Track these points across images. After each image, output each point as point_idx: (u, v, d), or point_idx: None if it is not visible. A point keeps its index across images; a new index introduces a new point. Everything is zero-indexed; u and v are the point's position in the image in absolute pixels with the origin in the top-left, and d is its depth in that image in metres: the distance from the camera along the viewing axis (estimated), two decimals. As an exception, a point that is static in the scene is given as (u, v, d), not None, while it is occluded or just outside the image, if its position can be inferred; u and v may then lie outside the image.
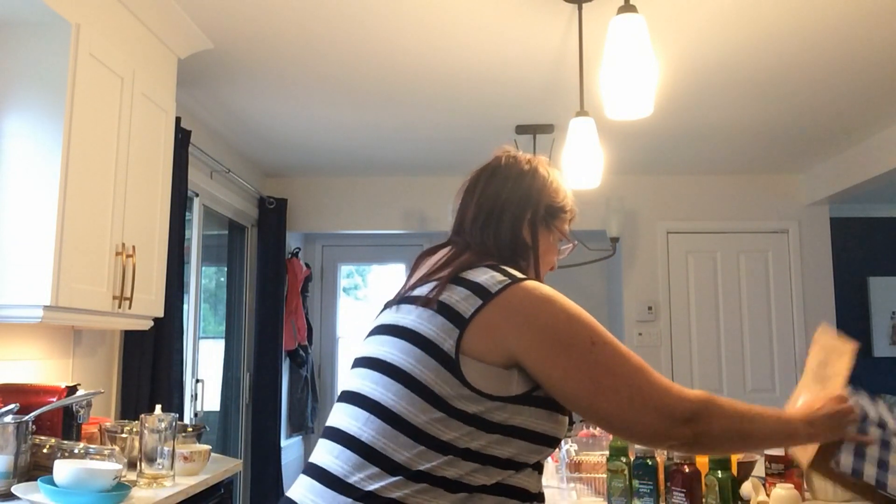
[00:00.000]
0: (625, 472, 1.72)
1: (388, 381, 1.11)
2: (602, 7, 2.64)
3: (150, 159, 2.66)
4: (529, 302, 1.12)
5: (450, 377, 1.08)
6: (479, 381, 1.08)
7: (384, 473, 1.06)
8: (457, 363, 1.08)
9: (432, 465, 1.05)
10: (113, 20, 2.42)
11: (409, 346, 1.12)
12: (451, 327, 1.10)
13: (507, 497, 1.10)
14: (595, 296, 5.56)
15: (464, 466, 1.06)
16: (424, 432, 1.06)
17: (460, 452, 1.06)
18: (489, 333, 1.09)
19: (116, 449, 2.04)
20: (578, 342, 1.10)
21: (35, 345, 2.48)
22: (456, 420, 1.07)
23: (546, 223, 1.32)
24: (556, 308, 1.12)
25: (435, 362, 1.09)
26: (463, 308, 1.11)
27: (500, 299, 1.11)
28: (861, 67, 3.21)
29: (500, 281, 1.13)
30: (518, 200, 1.29)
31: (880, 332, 5.74)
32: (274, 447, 4.68)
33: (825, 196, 4.80)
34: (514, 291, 1.12)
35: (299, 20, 2.77)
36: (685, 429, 1.08)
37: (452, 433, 1.06)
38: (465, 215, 1.31)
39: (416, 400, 1.08)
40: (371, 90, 3.49)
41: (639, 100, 1.98)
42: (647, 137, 4.26)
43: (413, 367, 1.10)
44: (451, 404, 1.07)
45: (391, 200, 5.17)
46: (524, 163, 1.34)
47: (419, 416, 1.07)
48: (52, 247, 2.07)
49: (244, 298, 4.82)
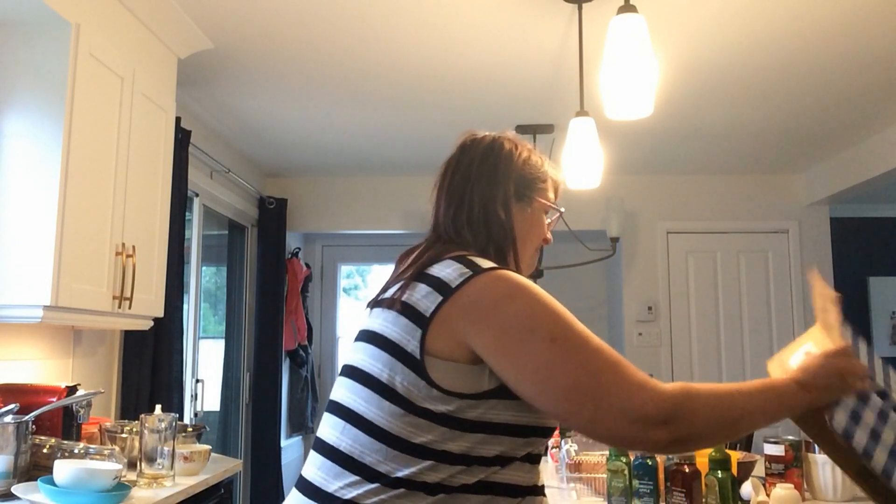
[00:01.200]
0: (625, 472, 1.72)
1: (360, 387, 1.09)
2: (602, 7, 2.64)
3: (150, 159, 2.66)
4: (489, 293, 1.05)
5: (416, 379, 1.04)
6: (447, 380, 1.03)
7: (363, 481, 1.03)
8: (422, 363, 1.04)
9: (412, 472, 1.02)
10: (113, 20, 2.42)
11: (378, 350, 1.09)
12: (413, 327, 1.06)
13: (493, 494, 1.04)
14: (595, 296, 5.56)
15: (446, 470, 1.02)
16: (395, 436, 1.03)
17: (438, 455, 1.02)
18: (449, 330, 1.04)
19: (116, 449, 2.04)
20: (536, 338, 1.01)
21: (35, 345, 2.48)
22: (425, 420, 1.03)
23: (520, 196, 1.25)
24: (516, 301, 1.04)
25: (401, 364, 1.05)
26: (424, 306, 1.07)
27: (459, 293, 1.05)
28: (861, 67, 3.21)
29: (462, 273, 1.07)
30: (486, 181, 1.23)
31: (880, 332, 5.74)
32: (274, 447, 4.68)
33: (825, 196, 4.80)
34: (474, 284, 1.06)
35: (299, 20, 2.77)
36: (661, 432, 0.98)
37: (425, 435, 1.03)
38: (438, 208, 1.26)
39: (384, 404, 1.05)
40: (371, 90, 3.49)
41: (639, 100, 1.98)
42: (647, 137, 4.26)
43: (381, 371, 1.07)
44: (418, 405, 1.03)
45: (391, 200, 5.17)
46: (488, 140, 1.28)
47: (388, 420, 1.04)
48: (52, 247, 2.07)
49: (244, 298, 4.82)
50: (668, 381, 3.45)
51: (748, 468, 1.93)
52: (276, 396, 4.72)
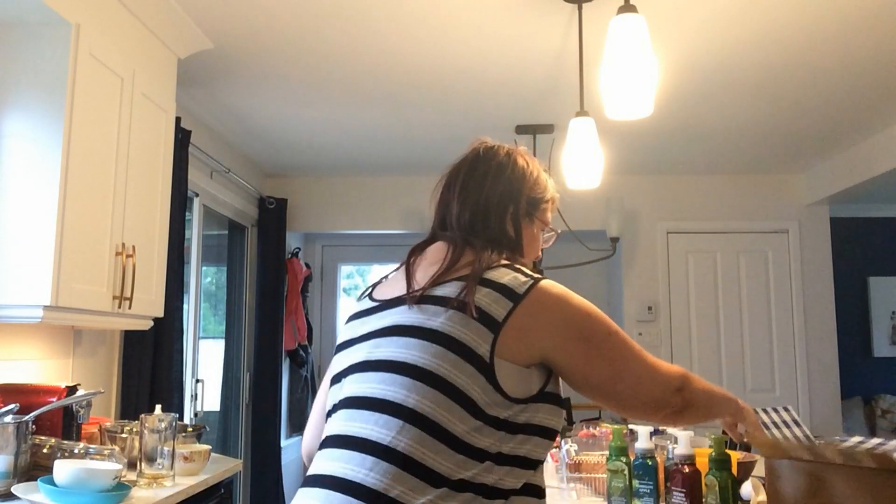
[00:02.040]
0: (625, 472, 1.72)
1: (423, 387, 1.06)
2: (602, 7, 2.64)
3: (150, 159, 2.66)
4: (553, 301, 1.14)
5: (485, 383, 1.06)
6: (510, 384, 1.07)
7: (427, 486, 1.01)
8: (492, 368, 1.07)
9: (472, 473, 1.04)
10: (113, 20, 2.42)
11: (442, 349, 1.07)
12: (485, 331, 1.08)
13: (532, 497, 1.10)
14: (595, 296, 5.56)
15: (497, 471, 1.05)
16: (463, 441, 1.04)
17: (493, 457, 1.05)
18: (522, 335, 1.10)
19: (116, 449, 2.04)
20: (598, 334, 1.16)
21: (35, 345, 2.48)
22: (490, 427, 1.06)
23: (528, 215, 1.32)
24: (574, 304, 1.16)
25: (471, 367, 1.06)
26: (495, 311, 1.10)
27: (527, 300, 1.12)
28: (861, 67, 3.21)
29: (524, 282, 1.14)
30: (500, 196, 1.29)
31: (880, 332, 5.74)
32: (274, 447, 4.68)
33: (825, 196, 4.80)
34: (538, 291, 1.13)
35: (299, 20, 2.77)
36: (678, 397, 1.19)
37: (487, 440, 1.05)
38: (448, 211, 1.30)
39: (455, 408, 1.04)
40: (371, 90, 3.49)
41: (639, 100, 1.98)
42: (647, 137, 4.26)
43: (449, 372, 1.06)
44: (486, 412, 1.06)
45: (391, 200, 5.17)
46: (502, 154, 1.33)
47: (458, 425, 1.04)
48: (52, 247, 2.07)
49: (244, 298, 4.82)
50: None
51: (748, 468, 1.93)
52: (276, 396, 4.72)
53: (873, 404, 5.60)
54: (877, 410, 5.57)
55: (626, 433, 1.84)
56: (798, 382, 4.94)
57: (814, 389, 4.91)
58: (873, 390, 5.67)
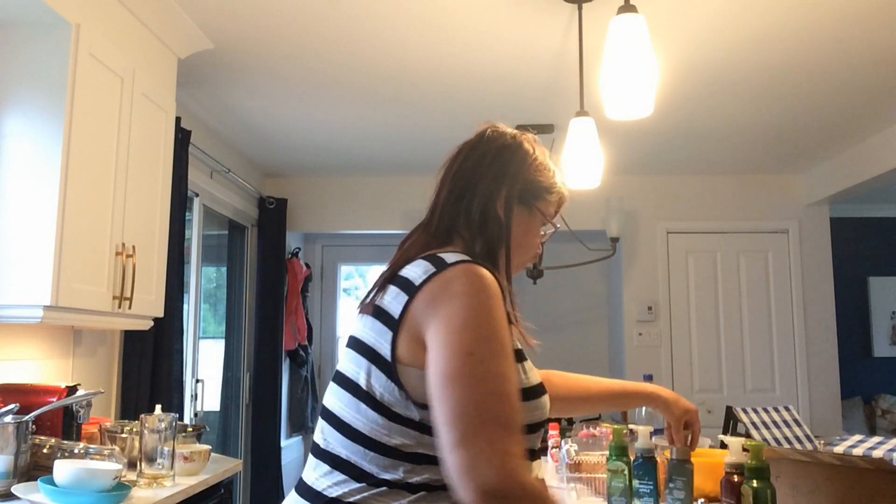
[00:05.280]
0: (625, 472, 1.72)
1: (341, 391, 1.10)
2: (602, 7, 2.64)
3: (150, 159, 2.66)
4: (442, 289, 1.02)
5: (389, 382, 1.03)
6: (418, 390, 1.01)
7: (350, 480, 1.05)
8: (394, 367, 1.03)
9: (396, 473, 1.02)
10: (113, 20, 2.42)
11: (357, 355, 1.09)
12: (385, 330, 1.05)
13: None
14: (595, 296, 5.56)
15: (426, 471, 1.02)
16: (372, 439, 1.04)
17: (414, 458, 1.02)
18: (413, 330, 1.03)
19: (116, 449, 2.04)
20: (457, 345, 0.98)
21: (35, 345, 2.48)
22: (397, 425, 1.03)
23: (524, 201, 1.22)
24: (462, 302, 1.01)
25: (375, 368, 1.05)
26: (394, 308, 1.05)
27: (422, 292, 1.03)
28: (861, 67, 3.21)
29: (427, 271, 1.05)
30: (495, 174, 1.20)
31: (880, 332, 5.74)
32: (274, 447, 4.68)
33: (825, 196, 4.80)
34: (436, 279, 1.03)
35: (300, 20, 2.77)
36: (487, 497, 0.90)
37: (399, 439, 1.03)
38: (440, 192, 1.23)
39: (362, 407, 1.05)
40: (371, 90, 3.49)
41: (639, 100, 1.98)
42: (647, 137, 4.26)
43: (357, 374, 1.07)
44: (392, 410, 1.03)
45: (391, 200, 5.17)
46: (509, 137, 1.25)
47: (364, 423, 1.04)
48: (52, 247, 2.07)
49: (244, 298, 4.82)
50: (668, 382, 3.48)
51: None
52: (276, 396, 4.72)
53: (873, 404, 5.61)
54: (877, 410, 5.57)
55: (626, 433, 1.84)
56: (798, 382, 4.93)
57: (814, 389, 4.91)
58: (873, 390, 5.68)
